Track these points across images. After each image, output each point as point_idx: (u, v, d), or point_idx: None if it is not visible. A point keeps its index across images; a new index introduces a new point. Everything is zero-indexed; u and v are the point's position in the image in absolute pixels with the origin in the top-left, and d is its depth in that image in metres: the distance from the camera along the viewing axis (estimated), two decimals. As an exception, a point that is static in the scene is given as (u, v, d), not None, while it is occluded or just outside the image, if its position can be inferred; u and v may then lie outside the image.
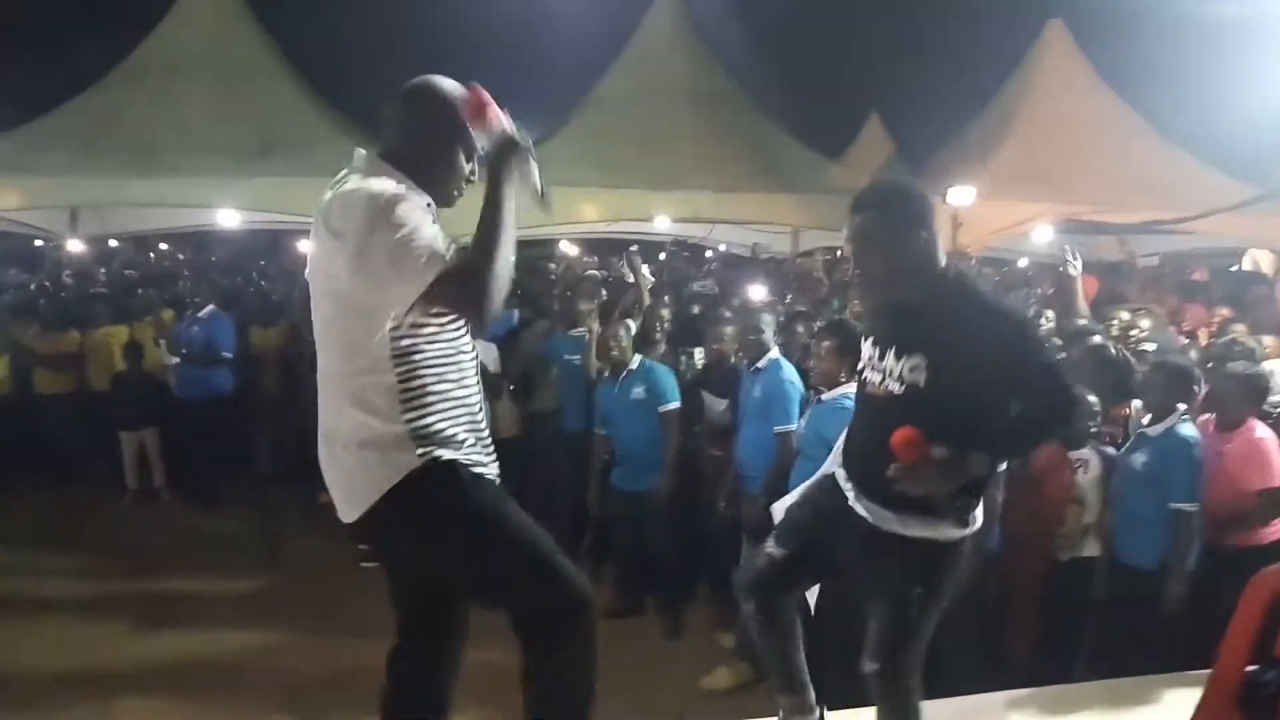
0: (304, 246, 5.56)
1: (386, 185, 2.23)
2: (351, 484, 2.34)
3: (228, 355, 7.44)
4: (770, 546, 2.89)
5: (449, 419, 2.34)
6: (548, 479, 6.39)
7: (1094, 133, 11.04)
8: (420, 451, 2.29)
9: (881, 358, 2.62)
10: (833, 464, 2.85)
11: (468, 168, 2.41)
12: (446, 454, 2.32)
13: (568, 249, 12.85)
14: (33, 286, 9.10)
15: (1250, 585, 2.48)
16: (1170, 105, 12.26)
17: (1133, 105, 11.72)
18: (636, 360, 5.50)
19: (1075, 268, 5.59)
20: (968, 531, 2.61)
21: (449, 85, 2.38)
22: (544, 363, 6.48)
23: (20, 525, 6.65)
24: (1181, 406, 4.07)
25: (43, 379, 7.71)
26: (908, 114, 17.77)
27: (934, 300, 2.56)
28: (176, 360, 7.46)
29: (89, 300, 8.13)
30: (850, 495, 2.69)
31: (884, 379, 2.60)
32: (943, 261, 2.60)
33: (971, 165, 11.40)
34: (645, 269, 6.79)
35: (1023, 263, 13.53)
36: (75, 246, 10.69)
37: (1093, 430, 4.24)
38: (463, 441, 2.35)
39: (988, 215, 10.27)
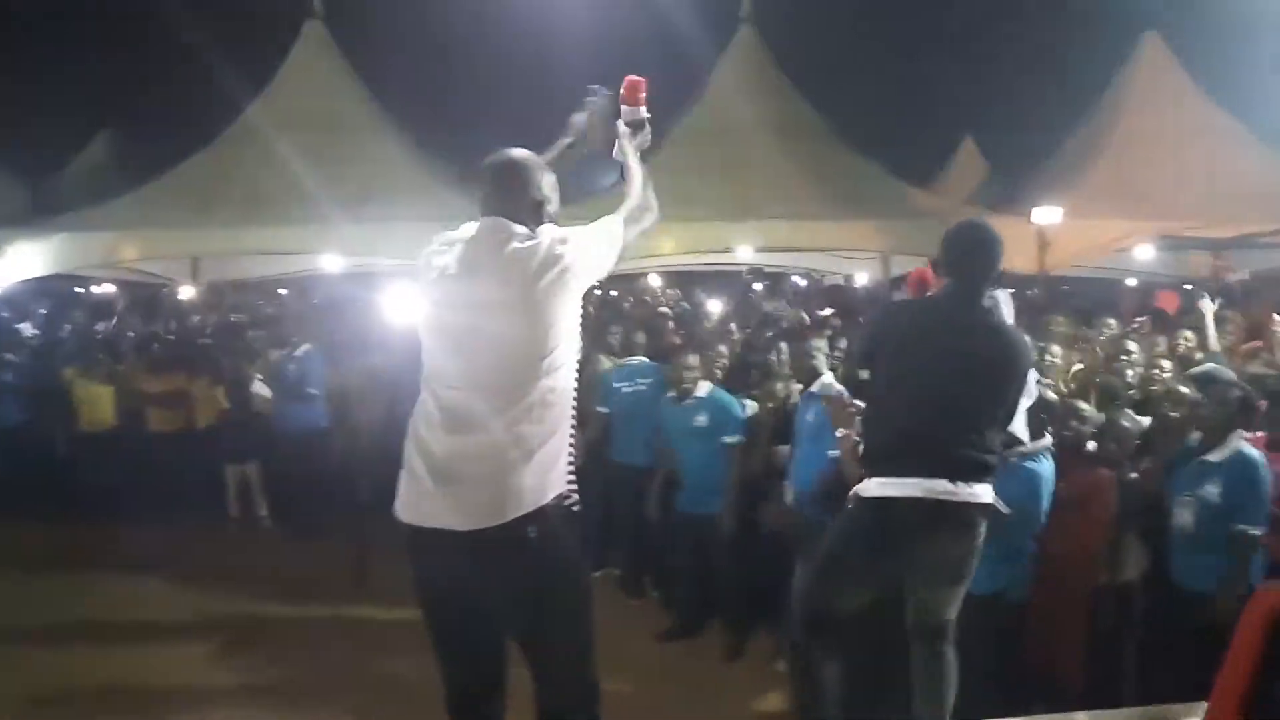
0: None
1: (555, 232, 2.55)
2: (508, 490, 2.39)
3: (314, 392, 7.82)
4: None
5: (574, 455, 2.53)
6: (603, 508, 6.48)
7: (1191, 145, 10.66)
8: (569, 481, 2.46)
9: None
10: None
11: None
12: (573, 494, 2.48)
13: (652, 281, 13.08)
14: (137, 332, 9.73)
15: (1249, 604, 2.38)
16: (1273, 111, 11.68)
17: (1232, 114, 11.24)
18: (705, 388, 5.58)
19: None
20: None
21: (521, 152, 2.68)
22: (596, 393, 6.51)
23: (128, 553, 7.03)
24: (1241, 430, 3.92)
25: (154, 417, 8.28)
26: (1002, 135, 17.46)
27: None
28: (272, 397, 7.89)
29: (198, 344, 8.68)
30: None
31: None
32: None
33: (1064, 184, 11.14)
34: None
35: (1131, 282, 13.01)
36: (188, 293, 11.48)
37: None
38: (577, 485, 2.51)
39: (1078, 234, 9.99)
